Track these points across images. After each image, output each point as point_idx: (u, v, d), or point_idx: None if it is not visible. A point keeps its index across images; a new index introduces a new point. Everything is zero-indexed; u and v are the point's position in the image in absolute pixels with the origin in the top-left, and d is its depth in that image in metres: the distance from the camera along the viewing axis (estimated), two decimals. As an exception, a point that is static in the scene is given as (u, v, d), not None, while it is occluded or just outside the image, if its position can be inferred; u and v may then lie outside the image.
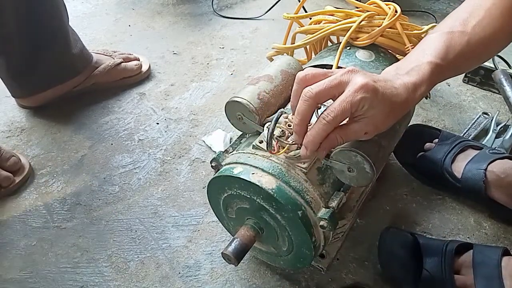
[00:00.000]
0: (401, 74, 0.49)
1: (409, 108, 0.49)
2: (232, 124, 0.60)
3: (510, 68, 0.98)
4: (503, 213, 0.70)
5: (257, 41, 1.20)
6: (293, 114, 0.47)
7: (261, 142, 0.54)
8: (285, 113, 0.54)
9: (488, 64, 0.98)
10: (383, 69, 0.69)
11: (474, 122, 0.91)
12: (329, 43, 0.83)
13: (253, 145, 0.55)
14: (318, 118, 0.45)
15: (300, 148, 0.50)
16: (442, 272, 0.59)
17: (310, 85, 0.45)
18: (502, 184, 0.68)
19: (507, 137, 0.84)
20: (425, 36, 0.76)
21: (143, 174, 0.83)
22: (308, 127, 0.47)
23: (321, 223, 0.50)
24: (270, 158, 0.52)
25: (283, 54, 0.86)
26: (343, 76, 0.44)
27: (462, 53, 0.52)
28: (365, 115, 0.44)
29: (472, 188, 0.69)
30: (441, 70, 0.51)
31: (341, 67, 0.68)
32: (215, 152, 0.85)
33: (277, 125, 0.51)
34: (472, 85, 1.03)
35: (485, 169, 0.69)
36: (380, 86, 0.44)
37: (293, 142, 0.51)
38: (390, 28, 0.70)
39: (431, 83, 0.50)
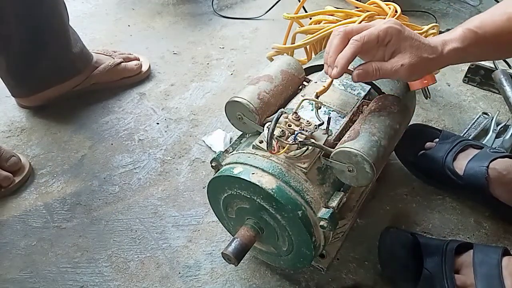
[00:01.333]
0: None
1: (438, 61, 0.52)
2: (232, 124, 0.60)
3: (510, 68, 0.98)
4: (503, 211, 0.70)
5: (257, 41, 1.20)
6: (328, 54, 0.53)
7: (261, 142, 0.54)
8: (285, 113, 0.54)
9: (488, 64, 0.98)
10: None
11: (474, 122, 0.91)
12: (329, 43, 0.83)
13: (253, 145, 0.55)
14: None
15: (299, 148, 0.50)
16: (443, 271, 0.59)
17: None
18: (504, 181, 0.68)
19: (507, 137, 0.84)
20: (425, 36, 0.77)
21: (143, 174, 0.83)
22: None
23: (321, 223, 0.50)
24: (270, 158, 0.52)
25: (283, 54, 0.86)
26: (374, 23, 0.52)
27: (501, 28, 0.53)
28: (396, 51, 0.50)
29: (474, 185, 0.69)
30: (475, 38, 0.52)
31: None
32: (215, 152, 0.86)
33: (277, 125, 0.51)
34: (472, 85, 1.03)
35: (487, 167, 0.69)
36: (407, 29, 0.51)
37: (293, 143, 0.51)
38: (390, 28, 0.70)
39: (463, 45, 0.52)
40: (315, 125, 0.54)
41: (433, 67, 0.54)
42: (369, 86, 0.65)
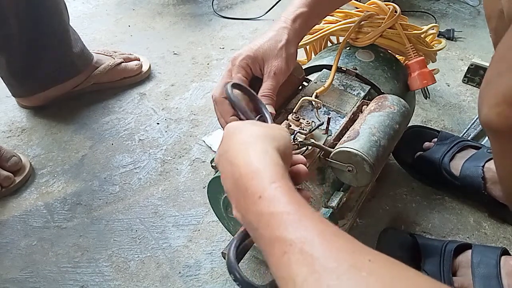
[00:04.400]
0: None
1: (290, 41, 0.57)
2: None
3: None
4: (501, 211, 0.71)
5: (257, 41, 1.20)
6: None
7: (261, 142, 0.54)
8: (285, 113, 0.54)
9: (488, 64, 0.98)
10: (383, 69, 0.70)
11: (474, 122, 0.91)
12: (329, 43, 0.83)
13: (253, 145, 0.55)
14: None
15: (299, 148, 0.50)
16: (441, 273, 0.59)
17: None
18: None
19: (507, 137, 0.84)
20: (424, 36, 0.77)
21: (144, 174, 0.83)
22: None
23: (321, 222, 0.50)
24: (270, 158, 0.52)
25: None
26: None
27: None
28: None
29: (471, 186, 0.70)
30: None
31: (340, 68, 0.68)
32: (215, 152, 0.86)
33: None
34: (472, 85, 1.03)
35: (483, 166, 0.69)
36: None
37: (293, 143, 0.51)
38: (389, 28, 0.71)
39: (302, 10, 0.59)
40: (315, 125, 0.54)
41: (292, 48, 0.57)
42: (369, 86, 0.65)
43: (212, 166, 0.59)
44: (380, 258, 0.27)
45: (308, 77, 0.68)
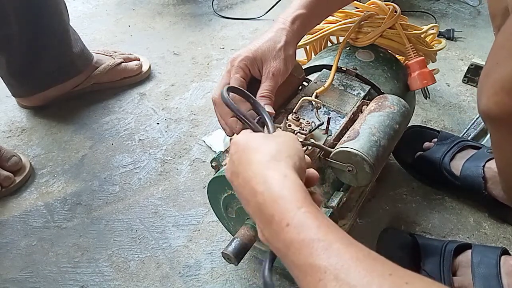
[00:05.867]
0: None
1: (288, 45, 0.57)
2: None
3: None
4: (501, 211, 0.71)
5: (257, 41, 1.20)
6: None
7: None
8: (285, 113, 0.54)
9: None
10: (383, 69, 0.70)
11: (474, 122, 0.90)
12: (329, 43, 0.83)
13: (253, 145, 0.55)
14: None
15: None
16: (441, 273, 0.59)
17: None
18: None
19: (507, 137, 0.84)
20: (424, 36, 0.77)
21: (144, 174, 0.83)
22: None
23: (321, 222, 0.50)
24: (270, 158, 0.52)
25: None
26: None
27: None
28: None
29: (471, 185, 0.70)
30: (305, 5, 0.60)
31: (340, 68, 0.68)
32: (215, 152, 0.86)
33: (276, 125, 0.51)
34: (472, 85, 1.03)
35: (483, 166, 0.69)
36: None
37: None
38: (389, 28, 0.71)
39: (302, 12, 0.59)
40: (315, 125, 0.54)
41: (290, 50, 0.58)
42: (369, 86, 0.65)
43: (212, 166, 0.59)
44: (417, 280, 0.27)
45: (308, 77, 0.68)
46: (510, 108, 0.41)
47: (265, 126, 0.48)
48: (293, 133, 0.52)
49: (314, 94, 0.60)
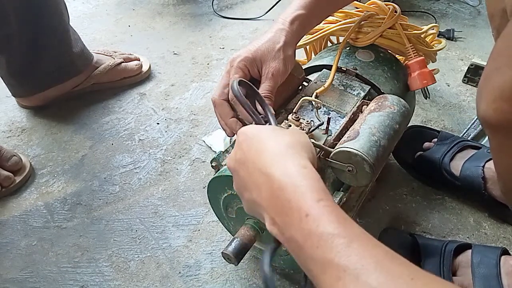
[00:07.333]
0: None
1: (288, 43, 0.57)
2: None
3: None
4: (501, 211, 0.71)
5: (257, 41, 1.20)
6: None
7: (261, 142, 0.54)
8: (285, 113, 0.54)
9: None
10: (383, 69, 0.70)
11: (474, 122, 0.90)
12: (329, 43, 0.83)
13: (253, 145, 0.55)
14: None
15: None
16: (441, 273, 0.59)
17: None
18: None
19: (507, 137, 0.84)
20: (424, 36, 0.77)
21: (144, 174, 0.83)
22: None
23: (321, 222, 0.50)
24: (270, 158, 0.52)
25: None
26: None
27: None
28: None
29: (471, 186, 0.70)
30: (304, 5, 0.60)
31: (340, 68, 0.68)
32: (215, 152, 0.86)
33: (277, 125, 0.51)
34: (472, 85, 1.03)
35: (483, 166, 0.69)
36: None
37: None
38: (389, 28, 0.71)
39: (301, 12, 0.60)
40: (315, 125, 0.54)
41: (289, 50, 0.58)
42: (369, 86, 0.65)
43: (212, 166, 0.59)
44: (439, 285, 0.26)
45: (308, 77, 0.68)
46: (508, 115, 0.41)
47: (268, 124, 0.48)
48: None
49: (314, 94, 0.60)
